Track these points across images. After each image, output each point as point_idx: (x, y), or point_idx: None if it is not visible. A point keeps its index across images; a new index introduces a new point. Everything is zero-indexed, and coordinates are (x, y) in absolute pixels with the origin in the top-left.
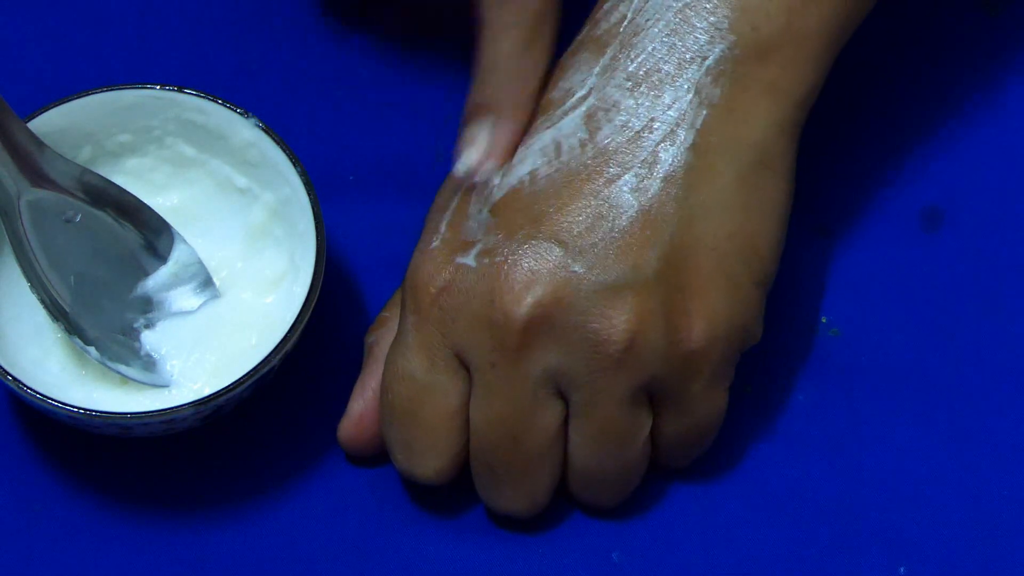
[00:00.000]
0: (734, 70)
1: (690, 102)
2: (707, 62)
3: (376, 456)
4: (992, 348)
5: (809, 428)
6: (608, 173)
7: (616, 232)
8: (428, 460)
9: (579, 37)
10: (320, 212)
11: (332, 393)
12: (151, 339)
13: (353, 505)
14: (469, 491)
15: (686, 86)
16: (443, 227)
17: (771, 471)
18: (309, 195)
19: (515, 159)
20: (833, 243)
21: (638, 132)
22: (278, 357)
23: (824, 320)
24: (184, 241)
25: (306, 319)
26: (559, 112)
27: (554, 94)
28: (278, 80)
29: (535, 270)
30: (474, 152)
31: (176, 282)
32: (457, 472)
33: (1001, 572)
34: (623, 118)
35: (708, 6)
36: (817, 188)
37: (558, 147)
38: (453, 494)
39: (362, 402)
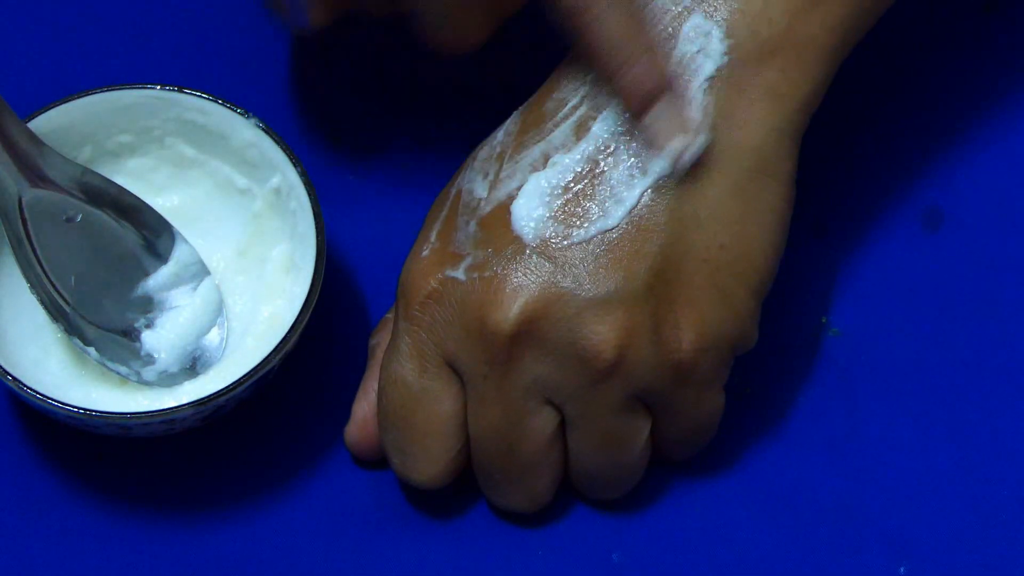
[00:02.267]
0: (731, 75)
1: None
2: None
3: (382, 459)
4: (992, 348)
5: (809, 428)
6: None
7: (605, 245)
8: (422, 465)
9: None
10: (320, 212)
11: (332, 393)
12: (151, 339)
13: (353, 505)
14: (469, 491)
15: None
16: (433, 236)
17: (771, 471)
18: (309, 195)
19: (504, 174)
20: (834, 243)
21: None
22: (278, 357)
23: (824, 320)
24: (185, 241)
25: (306, 319)
26: (550, 124)
27: (547, 106)
28: (278, 80)
29: (523, 285)
30: (676, 138)
31: (177, 282)
32: (453, 477)
33: (1001, 572)
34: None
35: (707, 10)
36: (818, 188)
37: (547, 161)
38: (453, 495)
39: (365, 405)
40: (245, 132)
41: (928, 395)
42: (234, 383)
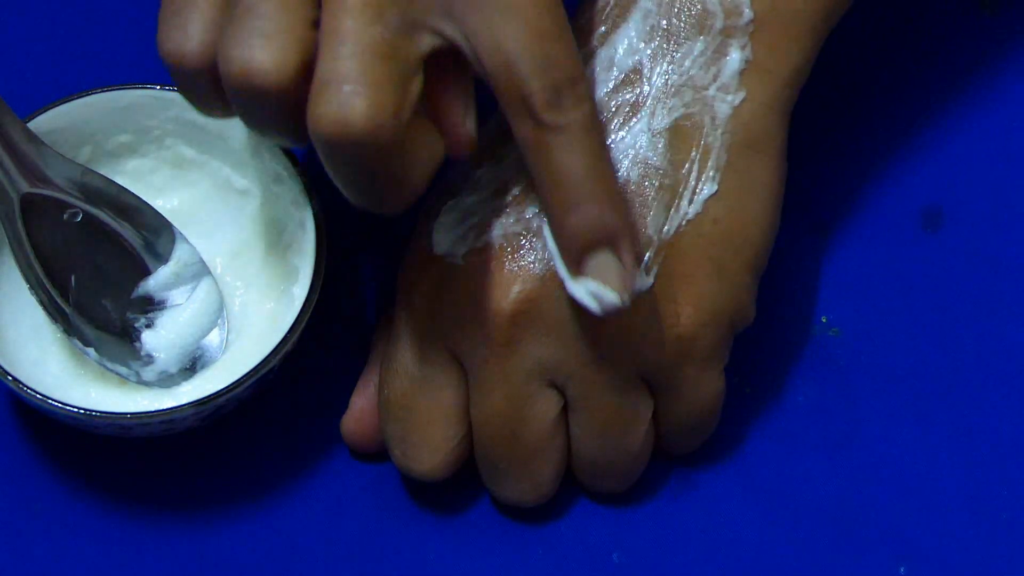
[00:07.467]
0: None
1: (673, 87)
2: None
3: (379, 452)
4: (992, 348)
5: (809, 428)
6: None
7: None
8: (423, 455)
9: None
10: (320, 212)
11: (332, 393)
12: (151, 339)
13: (354, 504)
14: (469, 490)
15: (668, 71)
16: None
17: (771, 471)
18: (309, 195)
19: (499, 157)
20: (833, 242)
21: (621, 122)
22: (278, 357)
23: (824, 320)
24: (185, 240)
25: (306, 320)
26: None
27: None
28: None
29: (523, 266)
30: (612, 291)
31: (177, 281)
32: (454, 468)
33: (1001, 572)
34: (604, 107)
35: None
36: (817, 187)
37: None
38: (453, 493)
39: (364, 397)
40: (245, 132)
41: (928, 395)
42: (234, 383)
